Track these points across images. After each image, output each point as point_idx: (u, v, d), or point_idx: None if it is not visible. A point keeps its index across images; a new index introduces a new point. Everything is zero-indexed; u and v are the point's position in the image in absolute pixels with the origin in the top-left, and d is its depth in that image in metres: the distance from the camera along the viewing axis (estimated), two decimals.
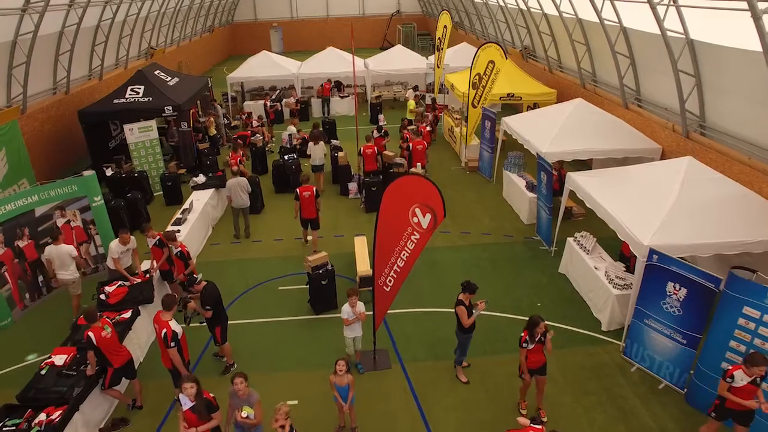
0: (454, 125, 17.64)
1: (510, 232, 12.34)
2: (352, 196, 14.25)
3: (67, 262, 9.09)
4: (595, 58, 15.09)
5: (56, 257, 9.01)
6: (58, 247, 9.00)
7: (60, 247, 9.00)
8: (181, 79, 17.33)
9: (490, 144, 14.73)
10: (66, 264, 9.08)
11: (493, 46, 14.11)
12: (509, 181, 13.57)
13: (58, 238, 9.03)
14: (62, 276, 9.15)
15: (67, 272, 9.13)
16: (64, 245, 9.07)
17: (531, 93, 16.08)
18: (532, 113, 13.91)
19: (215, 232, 12.87)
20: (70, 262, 9.10)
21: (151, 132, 14.57)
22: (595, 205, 9.21)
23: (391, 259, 7.36)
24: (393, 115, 22.02)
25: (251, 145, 16.12)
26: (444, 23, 18.08)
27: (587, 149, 11.65)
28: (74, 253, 9.14)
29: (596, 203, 9.16)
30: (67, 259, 9.07)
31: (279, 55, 23.73)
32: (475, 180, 15.37)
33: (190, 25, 31.12)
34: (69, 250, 9.08)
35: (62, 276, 9.15)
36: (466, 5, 28.52)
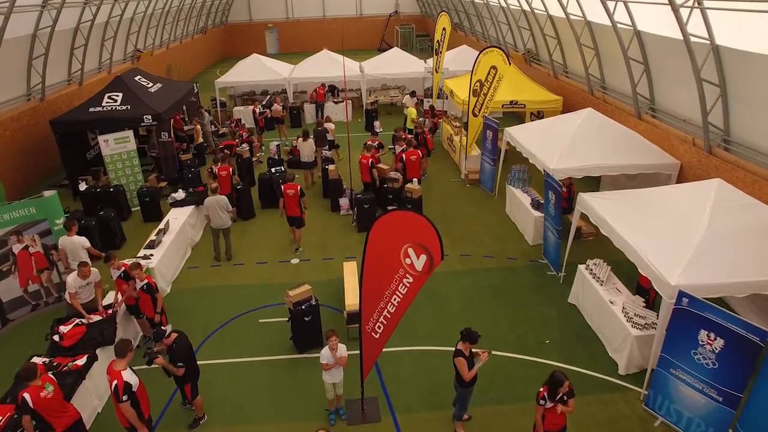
0: (453, 134, 16.64)
1: (514, 255, 11.34)
2: (344, 212, 13.25)
3: (81, 254, 9.06)
4: (605, 64, 14.10)
5: (69, 249, 9.08)
6: (71, 238, 9.07)
7: (73, 239, 9.07)
8: (164, 85, 16.33)
9: (491, 156, 13.74)
10: (80, 256, 8.96)
11: (496, 50, 13.11)
12: (512, 196, 12.58)
13: (71, 229, 9.10)
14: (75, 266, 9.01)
15: None
16: (77, 237, 9.11)
17: (535, 100, 15.09)
18: (538, 124, 12.91)
19: (194, 254, 11.86)
20: (83, 254, 9.09)
21: (129, 143, 13.56)
22: (612, 233, 8.21)
23: (380, 304, 6.36)
24: (390, 121, 20.99)
25: (237, 156, 15.12)
26: (443, 25, 17.07)
27: (599, 165, 10.65)
28: (86, 244, 9.16)
29: (613, 231, 8.16)
30: (80, 250, 9.09)
31: (270, 59, 22.72)
32: (476, 194, 14.37)
33: (180, 26, 30.11)
34: (82, 241, 9.11)
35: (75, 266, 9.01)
36: (465, 6, 27.51)
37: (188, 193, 12.59)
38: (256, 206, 13.69)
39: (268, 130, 19.95)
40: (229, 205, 10.89)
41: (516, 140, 12.47)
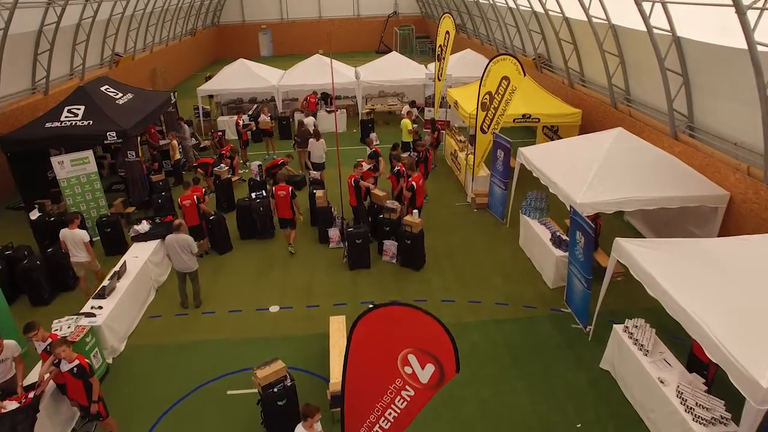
0: (457, 149, 14.94)
1: (532, 301, 9.65)
2: (334, 245, 11.55)
3: (79, 250, 9.40)
4: (632, 73, 12.40)
5: (70, 241, 9.33)
6: (72, 231, 9.32)
7: (74, 232, 9.32)
8: (136, 96, 14.62)
9: (503, 179, 12.04)
10: (79, 250, 9.39)
11: (508, 59, 11.41)
12: (528, 228, 10.89)
13: (73, 222, 9.38)
14: (76, 259, 9.48)
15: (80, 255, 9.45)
16: (78, 230, 9.38)
17: (551, 113, 13.38)
18: (558, 145, 11.20)
19: (159, 298, 10.16)
20: (81, 249, 9.40)
21: (88, 164, 11.86)
22: (666, 298, 6.51)
23: (369, 417, 4.68)
24: (388, 132, 19.31)
25: (215, 177, 13.42)
26: (446, 28, 15.38)
27: (635, 197, 8.95)
28: (85, 239, 9.38)
29: (667, 296, 6.45)
30: (79, 244, 9.37)
31: (258, 64, 21.00)
32: (485, 221, 12.67)
33: (166, 27, 28.40)
34: (81, 235, 9.35)
35: (76, 259, 9.48)
36: (469, 6, 25.80)
37: (153, 225, 10.89)
38: (234, 236, 12.00)
39: (256, 143, 18.29)
40: (193, 246, 9.18)
41: (532, 163, 10.78)
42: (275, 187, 10.90)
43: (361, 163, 11.67)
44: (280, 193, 10.79)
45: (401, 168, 11.55)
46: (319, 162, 13.95)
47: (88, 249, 9.44)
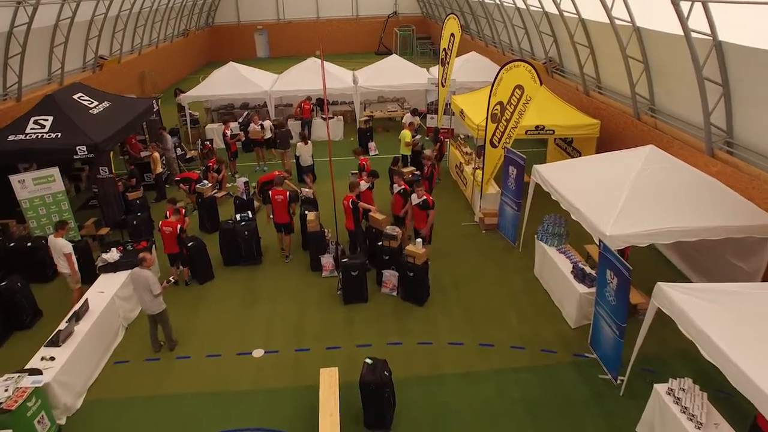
0: (463, 162, 13.74)
1: (551, 343, 8.45)
2: (327, 273, 10.34)
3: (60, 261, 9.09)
4: (658, 80, 11.19)
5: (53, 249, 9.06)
6: (56, 240, 8.96)
7: (57, 241, 8.94)
8: (113, 104, 13.42)
9: (515, 198, 10.85)
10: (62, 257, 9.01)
11: (522, 65, 10.20)
12: (544, 256, 9.70)
13: (58, 231, 9.01)
14: (60, 269, 9.20)
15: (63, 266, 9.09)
16: (61, 240, 8.92)
17: (566, 125, 12.15)
18: (580, 163, 9.97)
19: (128, 338, 8.96)
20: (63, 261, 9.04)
21: (54, 183, 10.68)
22: (729, 368, 5.31)
23: None
24: (387, 140, 18.13)
25: (198, 194, 12.22)
26: (451, 30, 14.19)
27: (673, 228, 7.73)
28: (66, 251, 8.91)
29: (732, 366, 5.26)
30: (60, 256, 9.02)
31: (249, 68, 19.79)
32: (494, 244, 11.46)
33: (156, 29, 27.18)
34: (62, 246, 8.89)
35: (60, 269, 9.20)
36: (473, 6, 24.58)
37: (125, 253, 9.69)
38: (216, 262, 10.80)
39: (247, 152, 17.07)
40: (154, 286, 7.93)
41: (549, 184, 9.56)
42: (272, 191, 10.39)
43: (359, 182, 10.49)
44: (277, 198, 10.30)
45: (406, 186, 10.36)
46: (306, 165, 13.94)
47: (69, 261, 8.97)
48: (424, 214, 9.89)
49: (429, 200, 9.74)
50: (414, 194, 9.93)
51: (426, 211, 9.80)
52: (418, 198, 9.82)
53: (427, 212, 9.80)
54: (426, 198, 9.74)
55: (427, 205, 9.75)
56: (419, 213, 9.94)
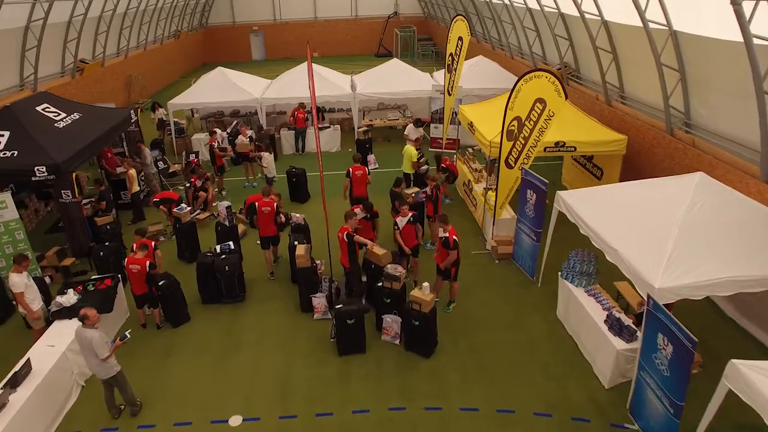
0: (472, 180, 12.39)
1: (583, 408, 7.10)
2: (319, 316, 9.00)
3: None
4: (695, 92, 9.85)
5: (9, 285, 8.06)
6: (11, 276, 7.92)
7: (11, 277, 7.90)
8: (84, 116, 12.06)
9: (534, 228, 9.50)
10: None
11: (544, 76, 8.86)
12: (570, 297, 8.36)
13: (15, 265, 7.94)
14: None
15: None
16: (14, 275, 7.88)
17: (589, 140, 10.79)
18: (614, 191, 8.56)
19: (84, 399, 7.61)
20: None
21: (6, 210, 9.32)
22: None
23: None
24: (388, 151, 16.79)
25: (176, 220, 10.87)
26: (459, 33, 12.84)
27: (732, 277, 6.38)
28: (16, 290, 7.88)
29: None
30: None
31: (240, 73, 18.43)
32: (510, 278, 10.12)
33: (144, 30, 25.82)
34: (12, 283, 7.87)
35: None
36: (479, 6, 23.22)
37: (84, 293, 8.35)
38: (194, 299, 9.46)
39: (235, 165, 15.72)
40: (100, 349, 6.56)
41: (577, 215, 8.20)
42: (259, 202, 9.68)
43: (354, 210, 9.16)
44: (264, 209, 9.60)
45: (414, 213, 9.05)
46: (271, 176, 13.40)
47: (20, 302, 8.01)
48: (445, 252, 8.57)
49: (451, 239, 8.39)
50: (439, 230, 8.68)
51: (447, 250, 8.49)
52: (443, 232, 8.51)
53: (448, 251, 8.48)
54: (448, 235, 8.42)
55: (447, 244, 8.43)
56: (442, 249, 8.62)
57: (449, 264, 8.58)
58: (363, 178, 11.24)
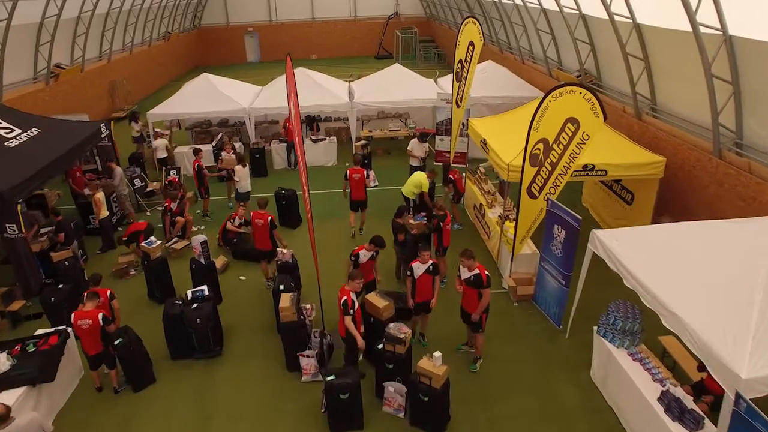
0: (484, 204, 10.93)
1: None
2: (308, 378, 7.53)
3: None
4: (750, 108, 8.38)
5: None
6: None
7: None
8: (43, 132, 10.59)
9: (562, 270, 8.03)
10: None
11: (577, 92, 7.40)
12: (609, 359, 6.90)
13: None
14: None
15: None
16: None
17: (621, 163, 9.29)
18: (663, 233, 7.09)
19: None
20: None
21: None
22: None
23: None
24: (389, 165, 15.35)
25: (144, 255, 9.39)
26: (470, 38, 11.37)
27: None
28: None
29: None
30: None
31: (228, 80, 17.00)
32: (532, 326, 8.65)
33: (130, 32, 24.35)
34: None
35: None
36: (486, 7, 21.74)
37: (22, 356, 6.88)
38: (161, 354, 8.00)
39: (221, 181, 14.22)
40: None
41: (620, 262, 6.72)
42: (252, 213, 9.32)
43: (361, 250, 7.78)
44: (258, 222, 9.19)
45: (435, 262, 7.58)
46: (244, 191, 12.09)
47: None
48: (475, 294, 7.13)
49: (483, 275, 7.05)
50: (460, 269, 7.30)
51: (479, 289, 7.08)
52: (469, 271, 7.11)
53: (480, 291, 7.07)
54: (479, 272, 7.05)
55: (480, 282, 7.06)
56: (469, 291, 7.20)
57: (484, 309, 7.17)
58: (362, 181, 10.97)
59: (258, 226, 9.23)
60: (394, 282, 9.71)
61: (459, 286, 7.31)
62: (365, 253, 7.81)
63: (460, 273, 7.29)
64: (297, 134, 7.33)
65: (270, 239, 9.26)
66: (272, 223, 9.16)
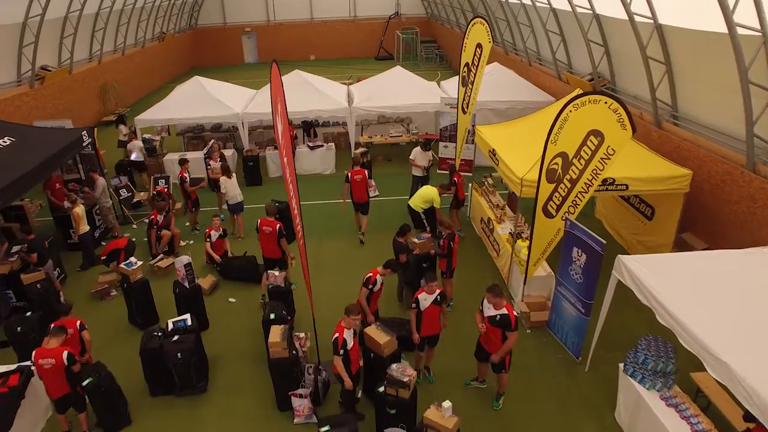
0: (493, 219, 10.15)
1: None
2: (300, 420, 6.75)
3: None
4: None
5: None
6: None
7: None
8: (16, 142, 9.81)
9: (583, 298, 7.25)
10: None
11: (602, 101, 6.61)
12: (638, 401, 6.12)
13: None
14: None
15: None
16: None
17: (644, 177, 8.49)
18: (701, 261, 6.30)
19: None
20: None
21: None
22: None
23: None
24: (390, 174, 14.59)
25: (123, 278, 8.60)
26: (477, 40, 10.61)
27: None
28: None
29: None
30: None
31: (219, 82, 16.23)
32: (547, 356, 7.87)
33: (122, 32, 23.57)
34: None
35: None
36: (490, 6, 20.97)
37: None
38: (139, 390, 7.23)
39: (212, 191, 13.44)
40: None
41: (653, 295, 5.93)
42: (261, 220, 8.85)
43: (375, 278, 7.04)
44: (266, 229, 8.77)
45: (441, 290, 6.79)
46: (234, 203, 11.25)
47: None
48: (498, 334, 6.33)
49: (512, 316, 6.18)
50: (483, 302, 6.43)
51: (504, 330, 6.27)
52: (494, 309, 6.26)
53: (505, 333, 6.27)
54: (507, 311, 6.20)
55: (508, 324, 6.20)
56: (493, 330, 6.36)
57: (507, 352, 6.39)
58: (363, 182, 10.74)
59: (266, 234, 8.79)
60: (396, 306, 8.95)
61: (481, 324, 6.41)
62: (380, 279, 7.01)
63: (482, 308, 6.45)
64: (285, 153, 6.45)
65: (278, 247, 8.85)
66: (281, 232, 8.71)
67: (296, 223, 6.84)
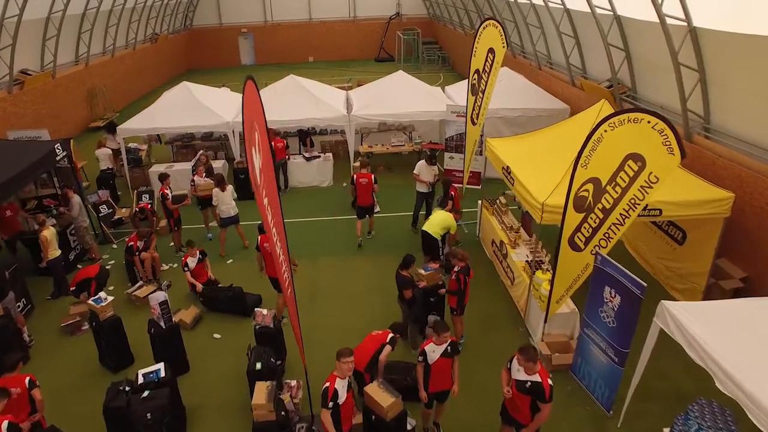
0: (506, 242, 9.15)
1: None
2: None
3: None
4: None
5: None
6: None
7: None
8: None
9: (617, 346, 6.27)
10: None
11: (645, 120, 5.63)
12: None
13: None
14: None
15: None
16: None
17: (680, 201, 7.52)
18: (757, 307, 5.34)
19: None
20: None
21: None
22: None
23: None
24: (391, 185, 13.58)
25: (92, 316, 7.61)
26: (489, 45, 9.63)
27: None
28: None
29: None
30: None
31: (208, 88, 15.27)
32: (573, 408, 6.87)
33: (111, 34, 22.58)
34: None
35: None
36: (497, 6, 19.98)
37: None
38: None
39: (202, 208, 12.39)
40: None
41: (706, 352, 4.95)
42: (261, 236, 8.34)
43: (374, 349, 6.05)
44: (267, 246, 8.12)
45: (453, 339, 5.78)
46: (227, 216, 10.55)
47: None
48: (526, 402, 5.31)
49: (546, 385, 5.12)
50: (513, 362, 5.38)
51: (535, 399, 5.24)
52: (525, 374, 5.20)
53: (535, 401, 5.25)
54: (541, 379, 5.14)
55: (542, 394, 5.14)
56: (521, 397, 5.32)
57: (539, 427, 5.37)
58: (369, 186, 10.47)
59: (267, 251, 8.14)
60: (401, 346, 7.95)
61: (507, 388, 5.35)
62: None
63: (510, 367, 5.40)
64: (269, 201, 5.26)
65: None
66: None
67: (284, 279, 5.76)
